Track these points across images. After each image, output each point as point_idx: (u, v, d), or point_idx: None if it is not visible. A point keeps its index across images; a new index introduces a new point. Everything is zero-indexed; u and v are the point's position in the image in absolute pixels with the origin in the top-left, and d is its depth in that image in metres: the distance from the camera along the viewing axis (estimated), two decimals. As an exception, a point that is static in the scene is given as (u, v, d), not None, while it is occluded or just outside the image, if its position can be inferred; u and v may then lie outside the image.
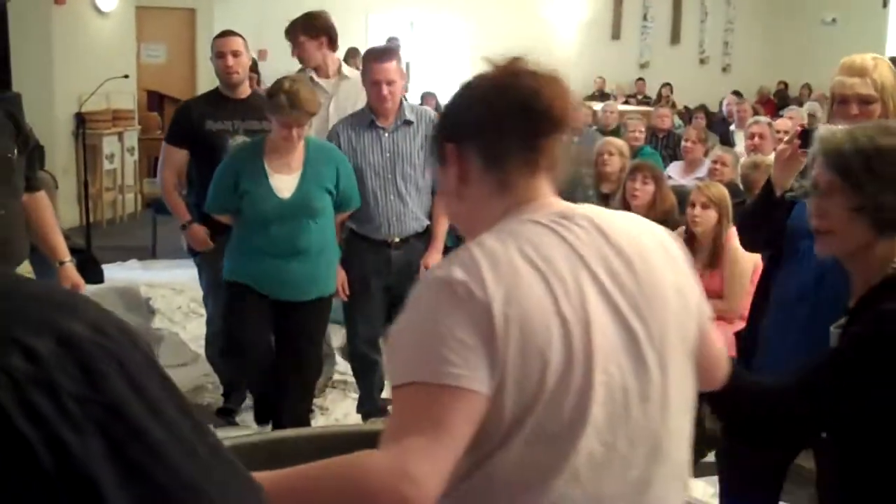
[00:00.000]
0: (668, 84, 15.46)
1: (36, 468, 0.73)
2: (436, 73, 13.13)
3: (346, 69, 5.08)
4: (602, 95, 14.62)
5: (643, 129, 7.94)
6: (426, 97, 11.73)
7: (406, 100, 4.50)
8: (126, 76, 9.02)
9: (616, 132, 8.70)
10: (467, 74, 1.59)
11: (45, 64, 9.08)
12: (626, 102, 14.44)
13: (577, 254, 1.43)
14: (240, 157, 4.11)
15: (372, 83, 4.23)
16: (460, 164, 1.51)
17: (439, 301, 1.36)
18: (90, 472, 0.75)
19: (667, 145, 8.58)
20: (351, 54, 8.55)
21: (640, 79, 16.43)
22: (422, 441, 1.30)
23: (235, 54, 4.44)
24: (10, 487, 0.73)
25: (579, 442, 1.38)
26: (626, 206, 4.72)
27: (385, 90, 4.19)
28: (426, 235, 4.42)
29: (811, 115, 8.71)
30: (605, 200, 5.66)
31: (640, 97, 15.66)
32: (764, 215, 2.94)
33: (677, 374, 1.48)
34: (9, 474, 0.73)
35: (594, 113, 9.73)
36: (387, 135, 4.30)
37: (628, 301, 1.44)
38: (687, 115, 12.10)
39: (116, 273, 5.78)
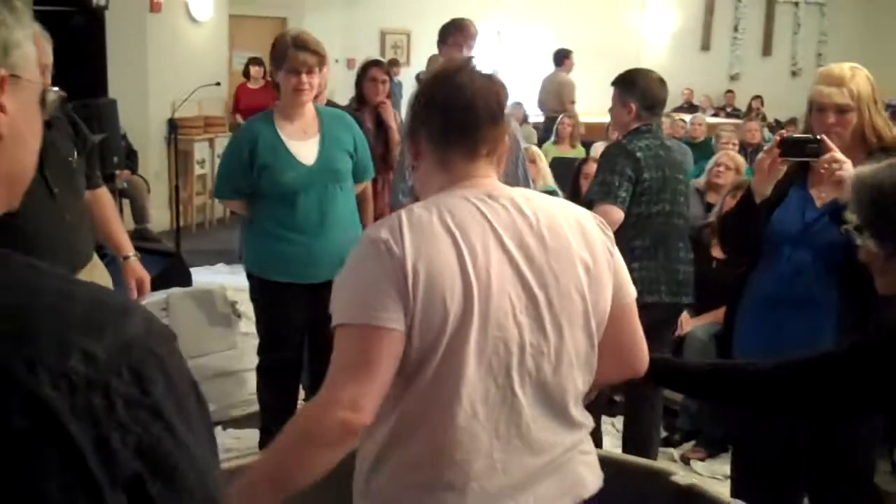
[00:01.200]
0: (758, 97, 15.20)
1: (83, 468, 0.78)
2: (522, 84, 13.10)
3: None
4: (690, 107, 14.44)
5: (737, 142, 7.80)
6: (514, 107, 11.73)
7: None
8: (218, 83, 9.18)
9: (705, 144, 8.58)
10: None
11: (140, 71, 9.29)
12: (716, 115, 14.24)
13: (492, 226, 1.72)
14: (250, 131, 3.86)
15: None
16: (416, 143, 1.84)
17: (366, 256, 1.69)
18: (133, 470, 0.81)
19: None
20: (432, 63, 8.59)
21: (730, 91, 16.19)
22: (351, 373, 1.64)
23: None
24: (57, 485, 0.77)
25: (474, 382, 1.69)
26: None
27: None
28: None
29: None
30: (707, 210, 5.56)
31: (729, 109, 15.43)
32: (744, 222, 3.06)
33: (573, 338, 1.77)
34: (57, 473, 0.77)
35: (682, 125, 9.60)
36: None
37: (534, 271, 1.72)
38: (777, 129, 11.88)
39: (204, 276, 5.88)
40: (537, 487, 1.80)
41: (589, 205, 3.88)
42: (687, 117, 10.35)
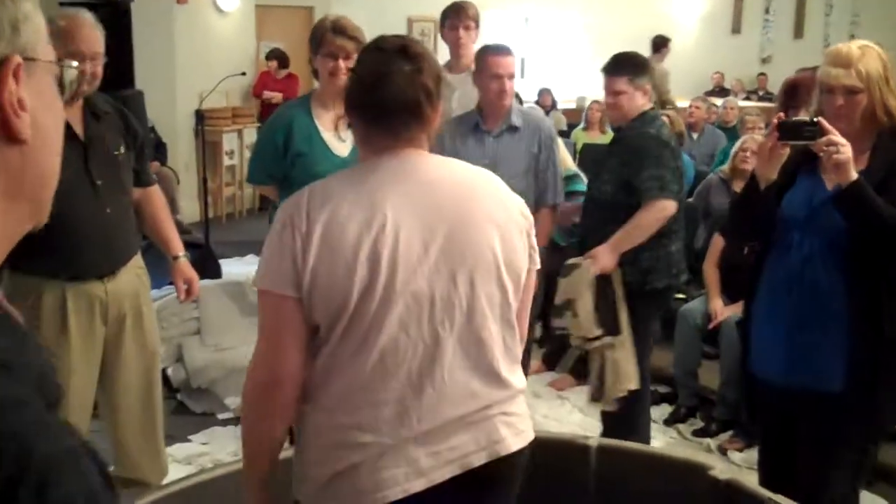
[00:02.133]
0: (790, 79, 14.95)
1: None
2: (551, 70, 13.00)
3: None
4: (721, 91, 14.25)
5: (762, 126, 7.67)
6: (542, 93, 11.63)
7: (518, 102, 4.25)
8: (244, 73, 9.16)
9: (736, 129, 8.45)
10: (584, 70, 1.61)
11: (168, 62, 9.29)
12: (748, 98, 14.04)
13: (406, 192, 1.86)
14: (286, 116, 3.72)
15: (492, 77, 4.03)
16: (355, 128, 1.99)
17: (275, 227, 1.88)
18: None
19: (789, 142, 8.26)
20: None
21: (762, 74, 15.96)
22: (263, 336, 1.90)
23: None
24: None
25: (386, 332, 1.84)
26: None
27: (507, 84, 4.01)
28: None
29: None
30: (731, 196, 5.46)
31: (761, 93, 15.21)
32: (748, 208, 3.04)
33: (485, 289, 1.91)
34: None
35: (715, 110, 9.47)
36: (490, 139, 4.12)
37: (444, 227, 1.86)
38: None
39: (234, 268, 5.84)
40: (451, 438, 1.91)
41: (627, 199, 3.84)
42: (719, 101, 10.20)
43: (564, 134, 8.96)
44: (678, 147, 3.91)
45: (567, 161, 6.15)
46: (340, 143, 3.68)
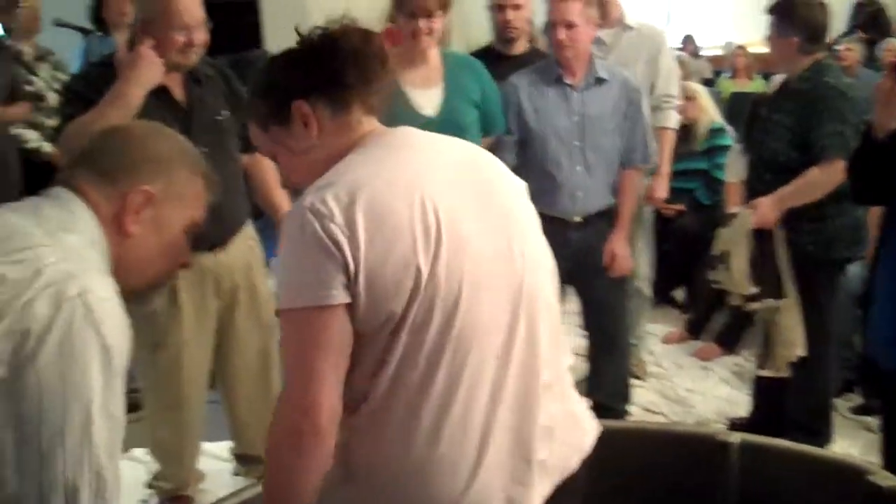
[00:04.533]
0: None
1: None
2: (697, 15, 12.52)
3: (629, 19, 4.40)
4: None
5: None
6: (686, 41, 11.23)
7: (597, 56, 3.84)
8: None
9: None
10: (728, 17, 1.32)
11: (300, 20, 9.17)
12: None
13: (428, 166, 1.64)
14: None
15: (550, 25, 3.67)
16: (314, 116, 1.64)
17: (292, 234, 1.53)
18: None
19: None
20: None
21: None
22: (302, 373, 1.51)
23: (516, 7, 4.12)
24: None
25: (461, 303, 1.54)
26: None
27: (562, 33, 3.61)
28: (609, 215, 3.85)
29: None
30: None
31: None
32: (867, 162, 2.70)
33: (535, 244, 1.74)
34: None
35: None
36: (575, 94, 3.74)
37: (483, 204, 1.65)
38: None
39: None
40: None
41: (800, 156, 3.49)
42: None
43: (709, 83, 8.53)
44: (859, 98, 3.49)
45: (713, 113, 5.77)
46: (427, 101, 3.51)
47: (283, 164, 1.75)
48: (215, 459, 3.70)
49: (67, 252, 1.41)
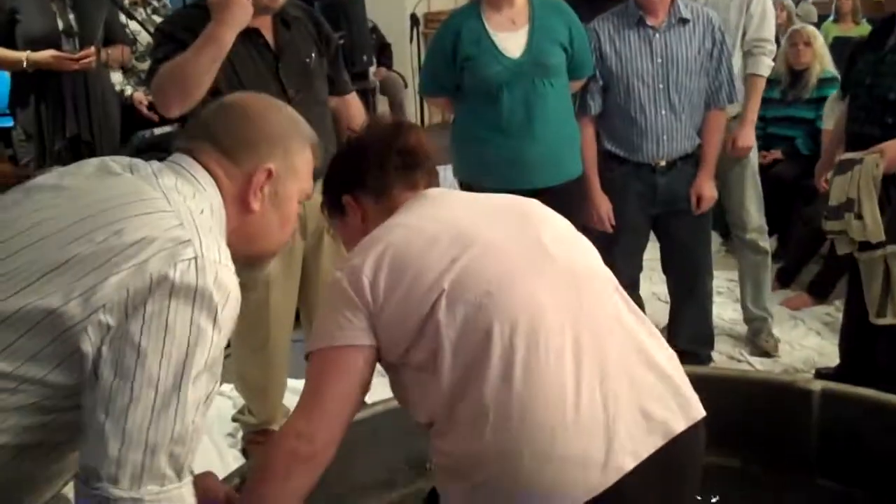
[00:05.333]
0: None
1: None
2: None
3: None
4: None
5: None
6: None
7: None
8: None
9: None
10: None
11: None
12: None
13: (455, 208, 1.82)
14: (454, 22, 3.61)
15: None
16: (359, 206, 1.92)
17: (331, 300, 1.71)
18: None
19: None
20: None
21: None
22: (302, 403, 1.67)
23: None
24: None
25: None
26: None
27: None
28: (695, 158, 3.80)
29: None
30: None
31: None
32: None
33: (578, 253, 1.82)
34: None
35: None
36: (658, 36, 3.66)
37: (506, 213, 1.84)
38: None
39: (448, 174, 5.71)
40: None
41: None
42: None
43: (815, 28, 8.24)
44: None
45: (825, 61, 5.58)
46: (513, 43, 3.48)
47: (346, 240, 2.00)
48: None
49: (185, 218, 1.45)
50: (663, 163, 3.75)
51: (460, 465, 1.61)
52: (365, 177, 1.91)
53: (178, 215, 1.45)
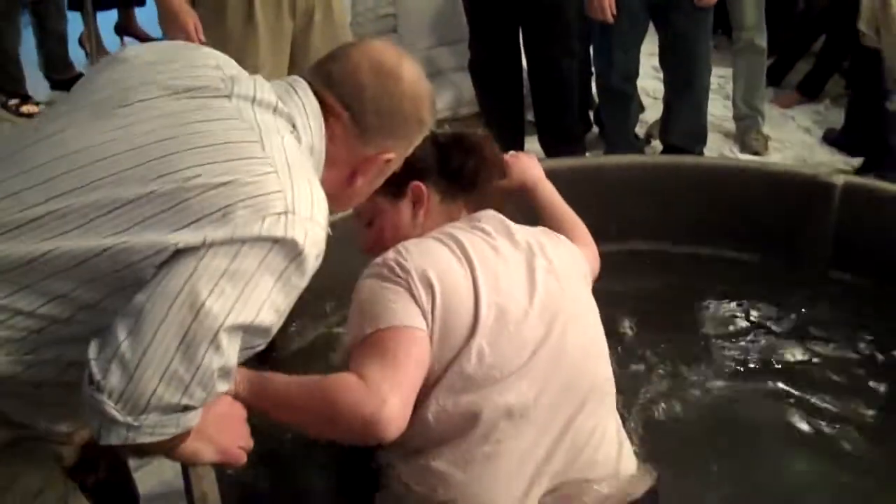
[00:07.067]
0: None
1: None
2: None
3: None
4: None
5: None
6: None
7: None
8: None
9: None
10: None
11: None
12: None
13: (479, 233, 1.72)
14: None
15: None
16: (428, 198, 1.80)
17: (370, 284, 1.61)
18: None
19: None
20: None
21: None
22: (389, 369, 1.48)
23: None
24: None
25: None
26: None
27: None
28: None
29: None
30: None
31: None
32: None
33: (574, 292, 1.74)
34: None
35: None
36: None
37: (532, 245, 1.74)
38: None
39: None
40: None
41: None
42: None
43: None
44: None
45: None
46: None
47: (373, 233, 1.83)
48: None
49: (279, 162, 1.30)
50: None
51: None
52: (455, 170, 1.82)
53: (272, 161, 1.29)
